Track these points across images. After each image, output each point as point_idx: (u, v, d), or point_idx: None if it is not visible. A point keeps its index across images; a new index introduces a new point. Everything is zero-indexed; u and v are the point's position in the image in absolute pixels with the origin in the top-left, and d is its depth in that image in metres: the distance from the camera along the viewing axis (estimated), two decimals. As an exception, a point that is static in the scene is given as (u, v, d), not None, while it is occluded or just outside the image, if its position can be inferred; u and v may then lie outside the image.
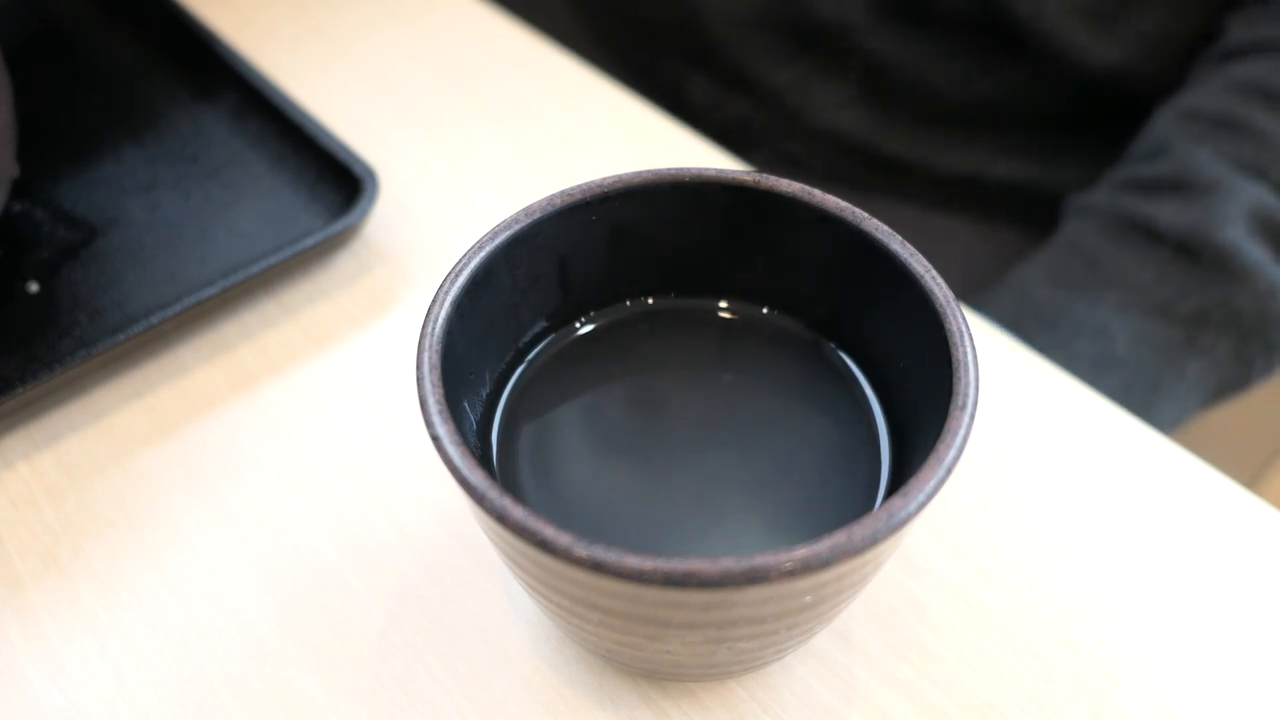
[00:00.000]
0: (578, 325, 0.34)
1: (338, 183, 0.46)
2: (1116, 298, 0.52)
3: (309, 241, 0.43)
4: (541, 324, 0.33)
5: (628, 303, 0.34)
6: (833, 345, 0.33)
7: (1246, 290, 0.51)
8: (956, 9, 0.58)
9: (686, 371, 0.33)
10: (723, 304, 0.34)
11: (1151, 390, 0.51)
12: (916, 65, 0.61)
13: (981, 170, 0.64)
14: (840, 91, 0.64)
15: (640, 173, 0.31)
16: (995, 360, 0.42)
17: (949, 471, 0.24)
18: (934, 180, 0.64)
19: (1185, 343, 0.51)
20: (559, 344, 0.33)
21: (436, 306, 0.28)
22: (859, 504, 0.30)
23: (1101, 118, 0.62)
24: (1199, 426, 0.57)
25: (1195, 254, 0.51)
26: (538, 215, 0.30)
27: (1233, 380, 0.53)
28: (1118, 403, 0.39)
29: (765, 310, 0.34)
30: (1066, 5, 0.57)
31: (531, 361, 0.33)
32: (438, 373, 0.27)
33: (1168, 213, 0.52)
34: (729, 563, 0.22)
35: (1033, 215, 0.64)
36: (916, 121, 0.63)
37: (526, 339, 0.33)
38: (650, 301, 0.35)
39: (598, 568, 0.23)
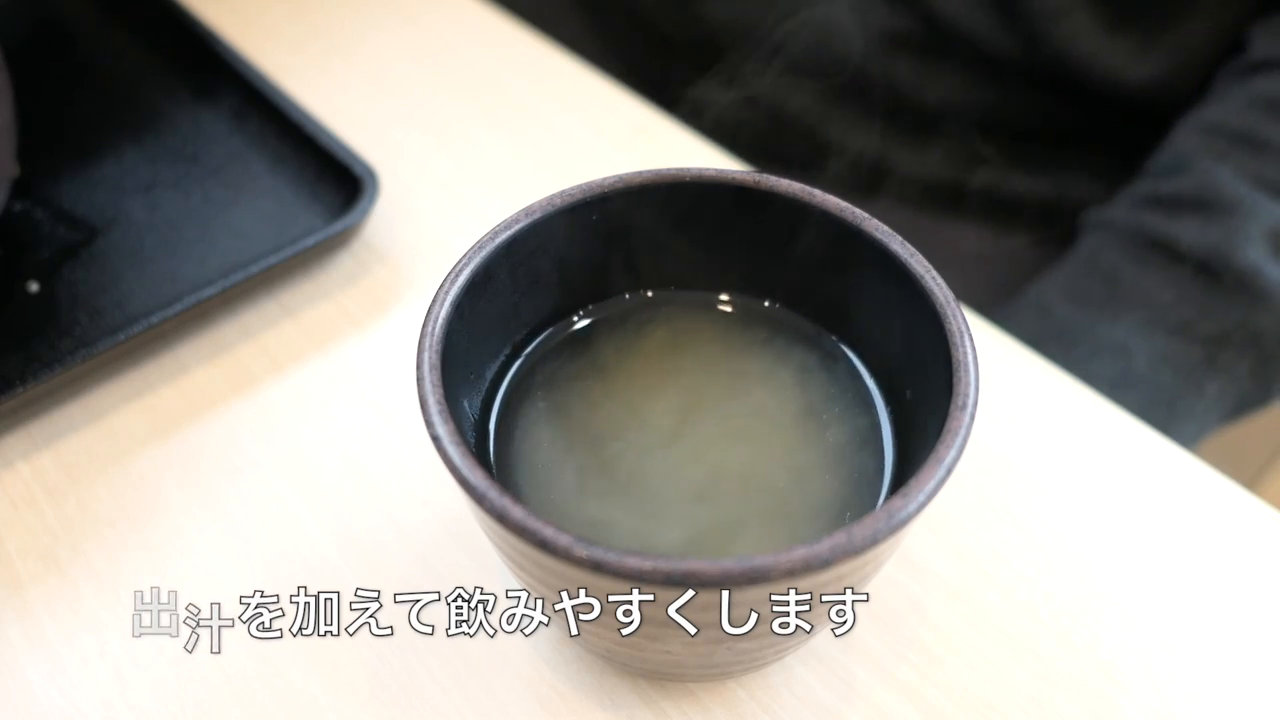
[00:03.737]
0: (576, 320, 0.34)
1: (338, 183, 0.46)
2: (1137, 317, 0.52)
3: (309, 241, 0.43)
4: (541, 322, 0.33)
5: (627, 296, 0.34)
6: (835, 340, 0.33)
7: (1267, 311, 0.51)
8: (988, 43, 0.58)
9: (686, 366, 0.33)
10: (723, 298, 0.35)
11: (1170, 409, 0.51)
12: (936, 92, 0.61)
13: (995, 183, 0.63)
14: (855, 110, 0.63)
15: (640, 173, 0.31)
16: (996, 361, 0.42)
17: (949, 472, 0.24)
18: (947, 191, 0.64)
19: (1205, 362, 0.51)
20: (558, 339, 0.33)
21: (436, 306, 0.28)
22: (860, 503, 0.30)
23: (1118, 129, 0.62)
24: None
25: (1216, 274, 0.51)
26: (538, 215, 0.30)
27: (1252, 399, 0.53)
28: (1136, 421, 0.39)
29: (767, 304, 0.34)
30: (1105, 25, 0.56)
31: (530, 357, 0.33)
32: (438, 373, 0.27)
33: (1189, 232, 0.52)
34: (729, 563, 0.22)
35: (1047, 225, 0.63)
36: (931, 137, 0.63)
37: (526, 336, 0.33)
38: (650, 295, 0.35)
39: (598, 568, 0.23)
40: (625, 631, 0.26)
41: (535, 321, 0.33)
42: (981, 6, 0.56)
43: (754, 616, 0.25)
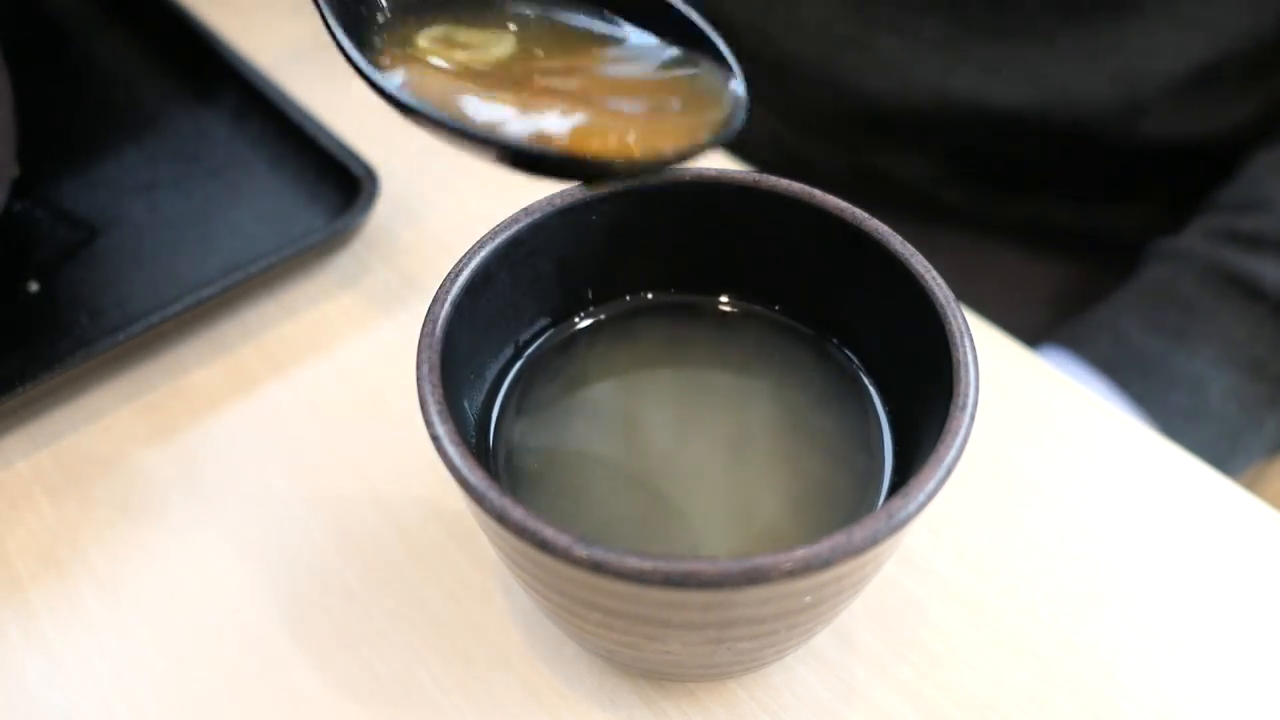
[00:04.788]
0: (577, 320, 0.34)
1: (338, 183, 0.46)
2: (1213, 351, 0.52)
3: (309, 241, 0.43)
4: (541, 322, 0.33)
5: (627, 297, 0.34)
6: (835, 342, 0.33)
7: None
8: (1091, 118, 0.57)
9: (687, 367, 0.33)
10: (724, 299, 0.34)
11: (1232, 444, 0.52)
12: (1006, 149, 0.61)
13: (1044, 216, 0.63)
14: (902, 154, 0.63)
15: (640, 173, 0.31)
16: (997, 361, 0.42)
17: (949, 472, 0.24)
18: (992, 221, 0.64)
19: (1270, 400, 0.52)
20: (558, 339, 0.33)
21: (436, 307, 0.28)
22: (861, 504, 0.30)
23: (1181, 170, 0.62)
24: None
25: None
26: (537, 215, 0.30)
27: None
28: (1202, 455, 0.39)
29: (767, 305, 0.34)
30: (1203, 90, 0.56)
31: (531, 357, 0.33)
32: (437, 373, 0.27)
33: (1271, 272, 0.52)
34: (728, 563, 0.22)
35: (1095, 253, 0.63)
36: (978, 177, 0.63)
37: (526, 336, 0.33)
38: (650, 296, 0.35)
39: (598, 568, 0.23)
40: (624, 632, 0.26)
41: (535, 322, 0.33)
42: (1095, 78, 0.56)
43: (754, 617, 0.25)
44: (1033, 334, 0.55)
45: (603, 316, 0.34)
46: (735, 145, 0.52)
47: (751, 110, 0.29)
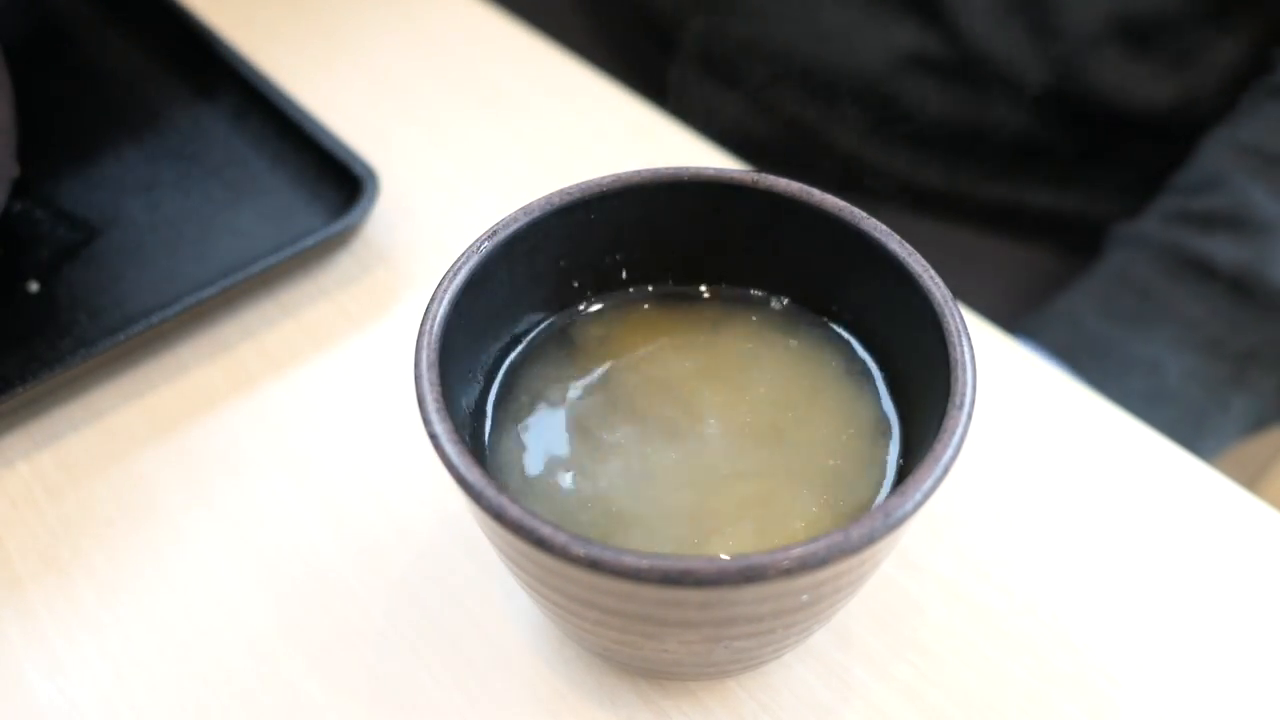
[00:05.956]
0: (574, 317, 0.34)
1: (338, 182, 0.46)
2: (1169, 333, 0.52)
3: (309, 241, 0.43)
4: (540, 319, 0.33)
5: (630, 290, 0.34)
6: (835, 339, 0.33)
7: None
8: (1015, 68, 0.57)
9: (684, 363, 0.33)
10: (723, 296, 0.34)
11: (1198, 426, 0.52)
12: (956, 111, 0.61)
13: (1018, 199, 0.63)
14: (875, 129, 0.63)
15: (639, 172, 0.31)
16: (997, 361, 0.42)
17: (946, 471, 0.24)
18: (969, 206, 0.64)
19: (1233, 379, 0.52)
20: (556, 337, 0.33)
21: (435, 305, 0.28)
22: (860, 502, 0.30)
23: (1137, 145, 0.62)
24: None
25: (1249, 292, 0.51)
26: (536, 214, 0.30)
27: (1273, 414, 0.53)
28: (1165, 437, 0.39)
29: (767, 303, 0.34)
30: (1135, 53, 0.56)
31: (529, 355, 0.33)
32: (435, 371, 0.27)
33: (1223, 250, 0.52)
34: (725, 562, 0.22)
35: (1065, 237, 0.63)
36: (954, 155, 0.63)
37: (525, 333, 0.33)
38: (650, 289, 0.34)
39: (595, 566, 0.23)
40: (622, 630, 0.26)
41: (533, 320, 0.33)
42: (1012, 31, 0.56)
43: (751, 615, 0.25)
44: (1008, 322, 0.56)
45: (600, 314, 0.34)
46: (707, 137, 0.52)
47: (720, 102, 0.28)
